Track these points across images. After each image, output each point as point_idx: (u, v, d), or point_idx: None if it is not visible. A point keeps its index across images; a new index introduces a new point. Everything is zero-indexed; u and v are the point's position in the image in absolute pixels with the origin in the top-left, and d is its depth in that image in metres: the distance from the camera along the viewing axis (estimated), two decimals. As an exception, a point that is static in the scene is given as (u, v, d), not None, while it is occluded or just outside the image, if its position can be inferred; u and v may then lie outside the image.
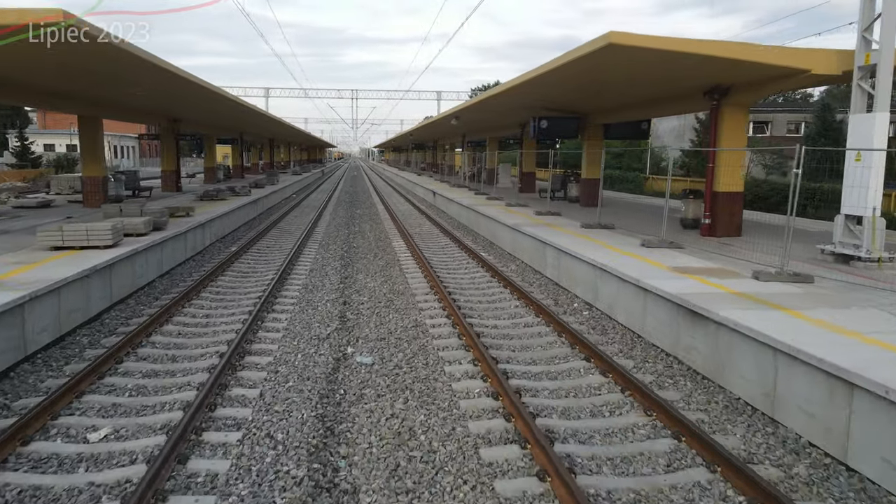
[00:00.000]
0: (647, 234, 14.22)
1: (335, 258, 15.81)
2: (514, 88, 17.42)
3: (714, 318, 7.07)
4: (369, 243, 18.60)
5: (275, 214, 26.17)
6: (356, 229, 22.02)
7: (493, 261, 15.46)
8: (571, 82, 15.82)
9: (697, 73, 13.02)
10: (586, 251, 11.57)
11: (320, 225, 22.94)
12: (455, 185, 34.98)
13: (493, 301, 11.45)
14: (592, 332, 9.45)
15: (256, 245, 17.80)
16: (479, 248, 17.72)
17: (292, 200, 33.95)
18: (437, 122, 36.50)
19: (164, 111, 26.00)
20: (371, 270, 14.35)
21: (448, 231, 20.57)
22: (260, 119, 36.00)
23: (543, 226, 15.93)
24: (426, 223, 23.74)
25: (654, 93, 16.39)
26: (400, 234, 20.20)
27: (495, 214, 18.81)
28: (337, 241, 18.71)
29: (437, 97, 67.83)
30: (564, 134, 22.41)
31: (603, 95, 18.37)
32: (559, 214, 18.38)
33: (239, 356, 8.03)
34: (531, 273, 14.02)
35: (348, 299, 11.60)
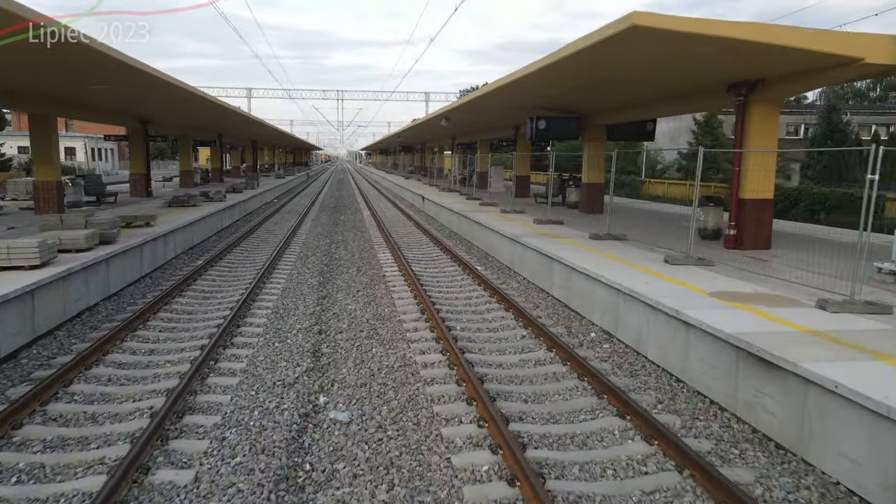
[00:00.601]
0: (664, 246, 12.60)
1: (314, 273, 14.05)
2: (512, 84, 15.75)
3: (796, 372, 5.41)
4: (352, 255, 16.86)
5: (252, 221, 24.34)
6: (339, 238, 20.27)
7: (490, 276, 13.77)
8: (578, 76, 14.18)
9: (723, 65, 11.41)
10: (603, 269, 9.91)
11: (300, 233, 21.16)
12: (444, 189, 33.30)
13: (495, 329, 9.75)
14: (619, 373, 7.78)
15: (227, 258, 16.00)
16: (473, 260, 16.03)
17: (273, 206, 32.12)
18: (425, 124, 34.81)
19: (132, 111, 24.12)
20: (353, 289, 12.61)
21: (438, 240, 18.88)
22: (239, 120, 34.14)
23: (546, 237, 14.27)
24: (415, 231, 22.03)
25: (667, 88, 14.79)
26: (386, 244, 18.47)
27: (490, 222, 17.14)
28: (317, 253, 16.95)
29: (425, 98, 66.14)
30: (564, 135, 20.81)
31: (607, 92, 16.75)
32: (561, 223, 16.74)
33: (177, 416, 6.27)
34: (535, 292, 12.34)
35: (325, 327, 9.86)
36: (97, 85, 16.66)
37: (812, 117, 43.81)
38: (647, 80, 13.84)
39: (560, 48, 12.16)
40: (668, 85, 14.26)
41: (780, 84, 11.78)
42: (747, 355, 6.07)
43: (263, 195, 33.25)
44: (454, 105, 23.90)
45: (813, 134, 34.27)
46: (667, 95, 15.70)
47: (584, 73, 13.55)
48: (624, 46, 10.12)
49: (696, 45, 9.48)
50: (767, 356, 5.74)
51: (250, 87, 62.86)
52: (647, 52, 10.74)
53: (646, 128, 20.59)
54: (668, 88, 14.71)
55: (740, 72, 11.83)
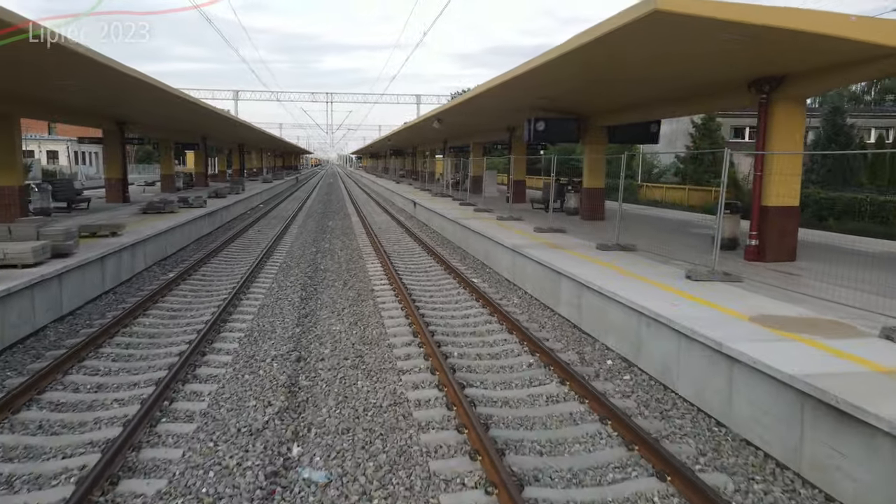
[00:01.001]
0: (680, 258, 11.51)
1: (295, 288, 12.84)
2: (510, 83, 14.64)
3: (891, 432, 4.28)
4: (339, 265, 15.66)
5: (235, 228, 23.08)
6: (326, 246, 19.06)
7: (489, 290, 12.63)
8: (583, 74, 13.09)
9: (745, 59, 10.33)
10: (618, 286, 8.78)
11: (285, 241, 19.93)
12: (437, 193, 32.17)
13: (497, 355, 8.60)
14: (646, 413, 6.63)
15: (202, 269, 14.76)
16: (469, 271, 14.88)
17: (258, 211, 30.85)
18: (416, 126, 33.68)
19: (107, 111, 22.82)
20: (338, 306, 11.42)
21: (431, 249, 17.71)
22: (223, 123, 32.89)
23: (549, 247, 13.13)
24: (406, 239, 20.85)
25: (679, 87, 13.71)
26: (376, 254, 17.29)
27: (487, 230, 15.99)
28: (301, 264, 15.74)
29: (416, 101, 64.99)
30: (564, 137, 19.70)
31: (611, 92, 15.66)
32: (563, 231, 15.62)
33: (111, 482, 5.07)
34: (539, 309, 11.19)
35: (304, 353, 8.67)
36: (61, 81, 15.43)
37: (811, 120, 43.02)
38: (659, 77, 12.75)
39: (563, 42, 11.06)
40: (681, 83, 13.18)
41: (807, 80, 10.72)
42: (816, 403, 4.95)
43: (248, 200, 31.98)
44: (447, 106, 22.79)
45: (816, 137, 33.40)
46: (677, 95, 14.63)
47: (591, 69, 12.46)
48: (640, 37, 9.02)
49: (724, 33, 8.38)
50: (848, 408, 4.61)
51: (237, 90, 61.69)
52: (664, 43, 9.64)
53: (649, 130, 19.51)
54: (681, 87, 13.63)
55: (763, 67, 10.75)
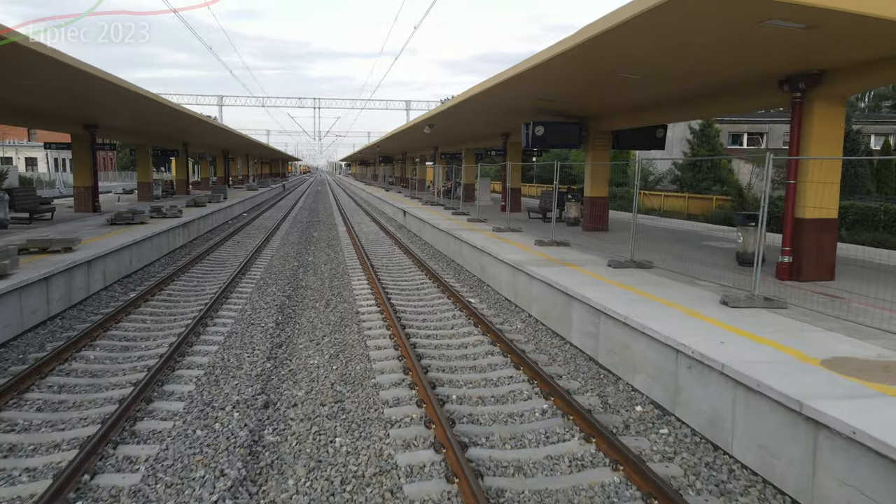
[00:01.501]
0: (706, 278, 10.19)
1: (271, 310, 11.42)
2: (507, 84, 13.36)
3: None
4: (322, 283, 14.25)
5: (212, 240, 21.59)
6: (309, 260, 17.64)
7: (488, 313, 11.27)
8: (588, 72, 11.80)
9: (778, 52, 9.07)
10: (645, 315, 7.45)
11: (265, 254, 18.48)
12: (427, 202, 30.83)
13: (504, 399, 7.23)
14: (700, 486, 5.26)
15: (168, 288, 13.29)
16: (465, 289, 13.52)
17: (241, 221, 29.35)
18: (406, 132, 32.36)
19: (74, 114, 21.32)
20: (318, 332, 10.01)
21: (422, 263, 16.33)
22: (205, 128, 31.42)
23: (554, 263, 11.79)
24: (395, 251, 19.46)
25: (697, 85, 12.43)
26: (363, 268, 15.89)
27: (484, 244, 14.63)
28: (280, 281, 14.31)
29: (405, 107, 63.72)
30: (565, 143, 18.42)
31: (618, 91, 14.37)
32: (567, 244, 14.29)
33: None
34: (547, 336, 9.82)
35: (274, 396, 7.26)
36: (19, 81, 14.00)
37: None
38: (674, 74, 11.46)
39: (569, 35, 9.78)
40: (698, 81, 11.89)
41: (850, 76, 9.46)
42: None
43: (230, 209, 30.48)
44: (439, 110, 21.48)
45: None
46: (691, 95, 13.36)
47: (599, 66, 11.16)
48: (664, 24, 7.72)
49: (773, 19, 7.08)
50: None
51: (221, 95, 60.04)
52: (689, 33, 8.34)
53: (655, 135, 18.31)
54: (698, 86, 12.34)
55: (801, 61, 9.49)
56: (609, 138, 18.23)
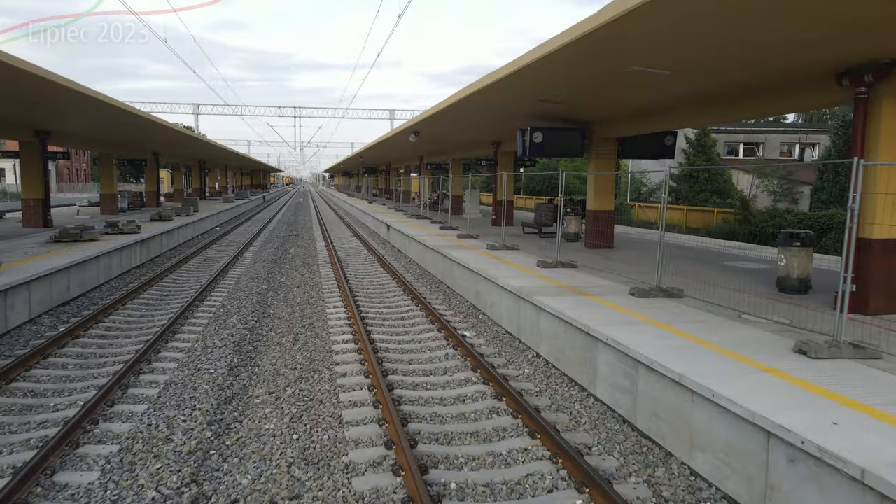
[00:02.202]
0: (752, 311, 8.39)
1: (225, 350, 9.46)
2: (505, 81, 11.63)
3: None
4: (293, 311, 12.31)
5: (175, 258, 19.54)
6: (281, 282, 15.70)
7: (488, 352, 9.42)
8: (598, 68, 10.05)
9: (844, 37, 7.36)
10: (703, 372, 5.63)
11: (232, 275, 16.49)
12: (413, 215, 28.97)
13: (523, 487, 5.36)
14: None
15: (108, 320, 11.28)
16: (458, 319, 11.66)
17: (212, 235, 27.27)
18: (390, 140, 30.54)
19: (24, 120, 19.24)
20: (279, 382, 8.09)
21: (408, 285, 14.44)
22: (175, 137, 29.38)
23: (565, 291, 9.96)
24: (378, 271, 17.54)
25: (724, 83, 10.70)
26: (340, 293, 13.98)
27: (479, 265, 12.78)
28: (243, 309, 12.34)
29: (389, 116, 61.90)
30: (566, 150, 16.68)
31: (629, 91, 12.66)
32: (575, 266, 12.48)
33: None
34: (564, 385, 7.96)
35: (206, 489, 5.32)
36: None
37: (805, 136, 40.87)
38: (709, 68, 9.73)
39: (581, 21, 8.08)
40: (732, 76, 10.15)
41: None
42: None
43: (201, 223, 28.39)
44: (425, 115, 19.69)
45: (826, 153, 30.96)
46: (717, 93, 11.62)
47: (621, 57, 9.40)
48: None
49: None
50: None
51: (198, 104, 57.79)
52: (738, 13, 6.60)
53: (664, 142, 16.66)
54: (729, 81, 10.61)
55: (867, 49, 7.79)
56: (614, 146, 16.51)
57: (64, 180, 75.53)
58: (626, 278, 11.17)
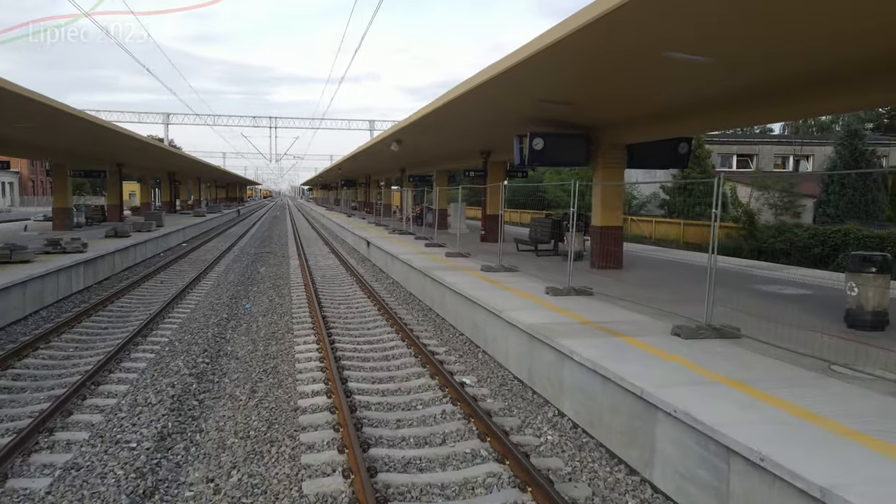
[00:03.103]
0: (833, 358, 6.52)
1: (159, 411, 7.37)
2: (506, 76, 9.77)
3: None
4: (254, 350, 10.25)
5: (127, 280, 17.32)
6: (245, 309, 13.62)
7: (496, 408, 7.46)
8: (628, 54, 8.22)
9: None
10: (848, 477, 3.72)
11: (187, 302, 14.37)
12: (395, 230, 26.97)
13: None
14: None
15: (19, 365, 9.12)
16: (453, 358, 9.69)
17: (174, 254, 24.99)
18: (371, 150, 28.59)
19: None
20: (223, 463, 6.04)
21: (391, 312, 12.45)
22: (138, 146, 27.10)
23: (591, 329, 8.03)
24: (357, 294, 15.51)
25: (774, 75, 8.91)
26: (313, 323, 11.95)
27: (477, 292, 10.84)
28: (194, 347, 10.25)
29: (369, 126, 59.94)
30: (570, 159, 14.90)
31: (653, 89, 10.88)
32: (590, 293, 10.58)
33: None
34: (605, 462, 6.00)
35: None
36: None
37: (800, 148, 39.66)
38: (759, 54, 7.93)
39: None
40: (788, 65, 8.36)
41: None
42: None
43: (164, 239, 26.12)
44: (409, 120, 17.76)
45: (832, 163, 29.65)
46: (758, 89, 9.84)
47: (650, 39, 7.57)
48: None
49: None
50: None
51: (168, 113, 55.28)
52: None
53: (676, 150, 14.91)
54: (779, 72, 8.82)
55: None
56: (623, 154, 14.72)
57: (28, 193, 72.37)
58: (656, 309, 9.29)
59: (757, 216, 24.43)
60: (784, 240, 21.57)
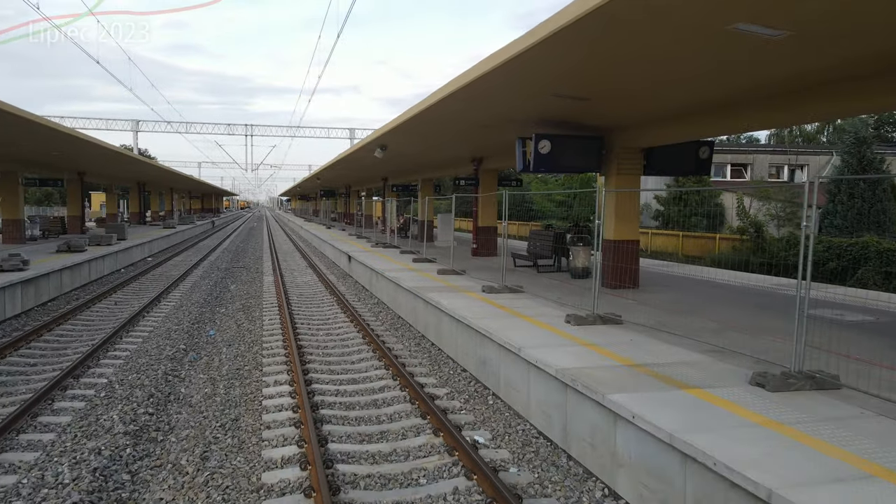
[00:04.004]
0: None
1: (76, 491, 5.46)
2: (518, 62, 8.08)
3: None
4: (211, 395, 8.37)
5: (75, 302, 15.25)
6: (206, 337, 11.70)
7: (522, 479, 5.64)
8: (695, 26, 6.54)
9: None
10: None
11: (140, 329, 12.41)
12: (378, 243, 25.12)
13: None
14: None
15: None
16: (458, 404, 7.88)
17: (138, 269, 22.85)
18: (352, 158, 26.71)
19: None
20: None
21: (378, 341, 10.61)
22: (100, 153, 24.95)
23: (640, 376, 6.29)
24: (338, 318, 13.63)
25: (856, 55, 7.29)
26: (286, 356, 10.09)
27: (486, 322, 9.06)
28: (136, 394, 8.32)
29: (349, 135, 58.00)
30: (581, 164, 13.22)
31: (703, 75, 9.22)
32: (620, 322, 8.83)
33: None
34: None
35: None
36: None
37: (796, 157, 38.60)
38: (851, 29, 6.29)
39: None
40: (855, 47, 6.73)
41: None
42: None
43: (126, 254, 23.96)
44: (396, 123, 15.96)
45: (838, 171, 28.37)
46: (838, 71, 8.22)
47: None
48: None
49: None
50: None
51: (138, 120, 52.80)
52: None
53: (697, 154, 13.33)
54: (847, 54, 7.18)
55: None
56: (639, 158, 13.09)
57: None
58: (706, 344, 7.57)
59: (765, 228, 23.00)
60: (796, 253, 20.06)
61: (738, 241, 23.82)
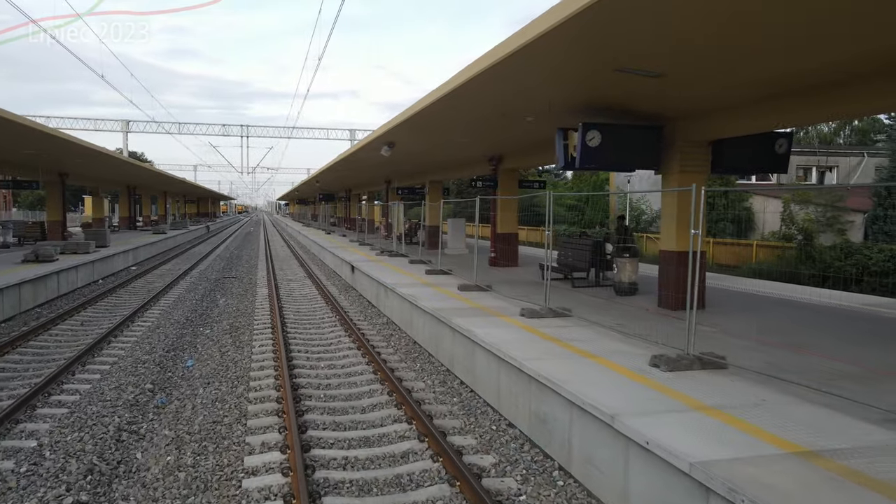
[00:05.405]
0: None
1: None
2: (577, 20, 5.92)
3: None
4: (177, 460, 6.15)
5: (37, 321, 13.02)
6: (183, 369, 9.49)
7: None
8: None
9: None
10: None
11: (105, 356, 10.19)
12: (383, 251, 22.91)
13: None
14: None
15: None
16: (513, 484, 5.64)
17: (117, 280, 20.61)
18: (354, 158, 24.51)
19: None
20: None
21: (393, 379, 8.38)
22: (80, 152, 22.77)
23: (817, 469, 4.07)
24: (343, 344, 11.40)
25: None
26: (278, 398, 7.89)
27: (541, 364, 6.89)
28: (77, 458, 6.11)
29: (349, 136, 55.80)
30: (635, 159, 10.97)
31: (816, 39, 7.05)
32: (723, 365, 6.61)
33: None
34: None
35: None
36: None
37: (826, 159, 36.43)
38: None
39: None
40: None
41: None
42: None
43: (105, 263, 21.72)
44: (407, 114, 13.72)
45: (888, 174, 26.24)
46: None
47: None
48: None
49: None
50: None
51: (128, 120, 50.48)
52: None
53: (773, 149, 11.15)
54: None
55: None
56: (706, 153, 10.91)
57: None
58: (853, 402, 5.36)
59: (816, 235, 20.84)
60: (854, 262, 17.92)
61: (779, 249, 21.62)
